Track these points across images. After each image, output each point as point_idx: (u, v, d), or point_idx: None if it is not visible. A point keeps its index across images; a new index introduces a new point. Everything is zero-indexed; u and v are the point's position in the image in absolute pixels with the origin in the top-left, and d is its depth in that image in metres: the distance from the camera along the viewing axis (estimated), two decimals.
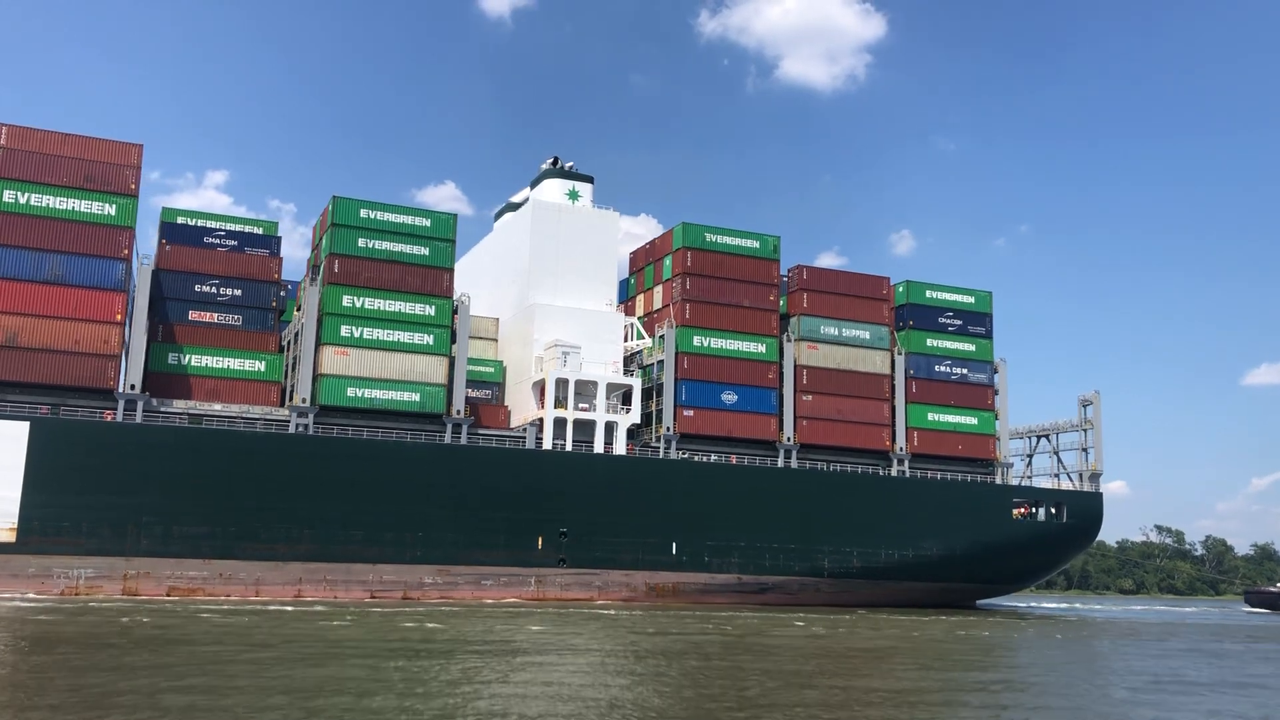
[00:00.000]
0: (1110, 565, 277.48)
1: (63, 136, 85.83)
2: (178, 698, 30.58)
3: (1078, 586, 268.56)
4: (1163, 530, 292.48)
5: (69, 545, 79.95)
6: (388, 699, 31.22)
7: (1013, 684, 42.56)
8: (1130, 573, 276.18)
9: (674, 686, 36.70)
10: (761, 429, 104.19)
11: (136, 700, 29.85)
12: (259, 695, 31.37)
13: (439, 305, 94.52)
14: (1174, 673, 49.30)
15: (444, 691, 33.40)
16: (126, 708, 28.49)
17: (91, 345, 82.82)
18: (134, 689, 31.87)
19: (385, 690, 32.91)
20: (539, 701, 32.15)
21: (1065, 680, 43.89)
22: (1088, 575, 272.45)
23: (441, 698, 32.07)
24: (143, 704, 29.24)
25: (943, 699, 36.67)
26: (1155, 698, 39.24)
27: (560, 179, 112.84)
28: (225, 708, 29.01)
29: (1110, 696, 39.27)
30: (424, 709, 29.77)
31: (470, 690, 34.15)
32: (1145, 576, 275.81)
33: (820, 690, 37.25)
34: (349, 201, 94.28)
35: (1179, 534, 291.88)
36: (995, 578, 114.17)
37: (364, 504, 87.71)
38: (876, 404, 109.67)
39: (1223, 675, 48.89)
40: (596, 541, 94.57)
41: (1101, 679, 44.95)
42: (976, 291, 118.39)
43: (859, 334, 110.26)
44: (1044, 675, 45.96)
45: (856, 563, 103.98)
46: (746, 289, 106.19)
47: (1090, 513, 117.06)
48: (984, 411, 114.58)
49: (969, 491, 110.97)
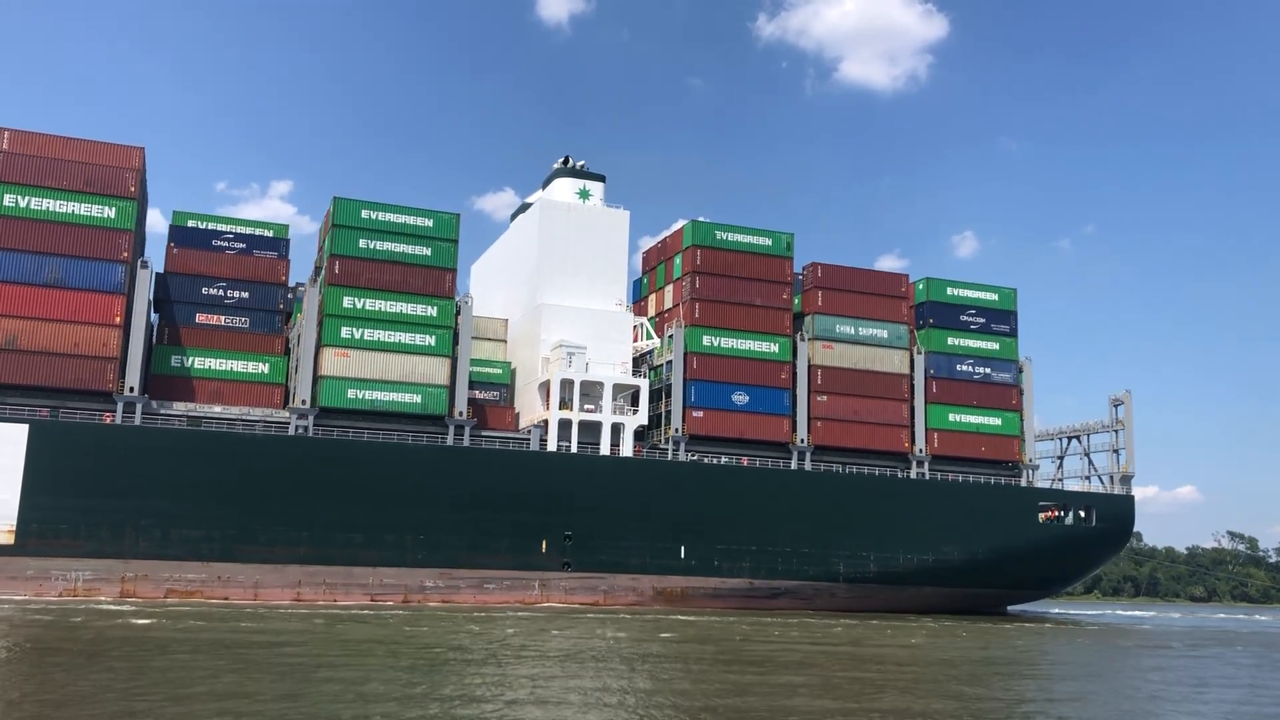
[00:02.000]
0: (1180, 572, 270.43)
1: (64, 140, 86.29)
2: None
3: (1146, 594, 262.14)
4: (1235, 536, 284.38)
5: (67, 547, 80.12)
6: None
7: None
8: (1201, 580, 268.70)
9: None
10: (774, 430, 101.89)
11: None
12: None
13: (441, 306, 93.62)
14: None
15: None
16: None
17: (90, 348, 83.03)
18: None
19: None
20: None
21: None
22: (1156, 582, 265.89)
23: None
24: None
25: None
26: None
27: (571, 178, 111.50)
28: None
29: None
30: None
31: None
32: (1217, 584, 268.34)
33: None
34: (350, 202, 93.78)
35: (1252, 540, 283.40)
36: (1022, 583, 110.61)
37: (364, 506, 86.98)
38: (895, 404, 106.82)
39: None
40: (602, 545, 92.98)
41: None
42: (1001, 288, 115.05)
43: (877, 333, 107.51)
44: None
45: (874, 567, 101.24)
46: (758, 287, 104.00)
47: (1121, 516, 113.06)
48: (1008, 412, 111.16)
49: (992, 494, 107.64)
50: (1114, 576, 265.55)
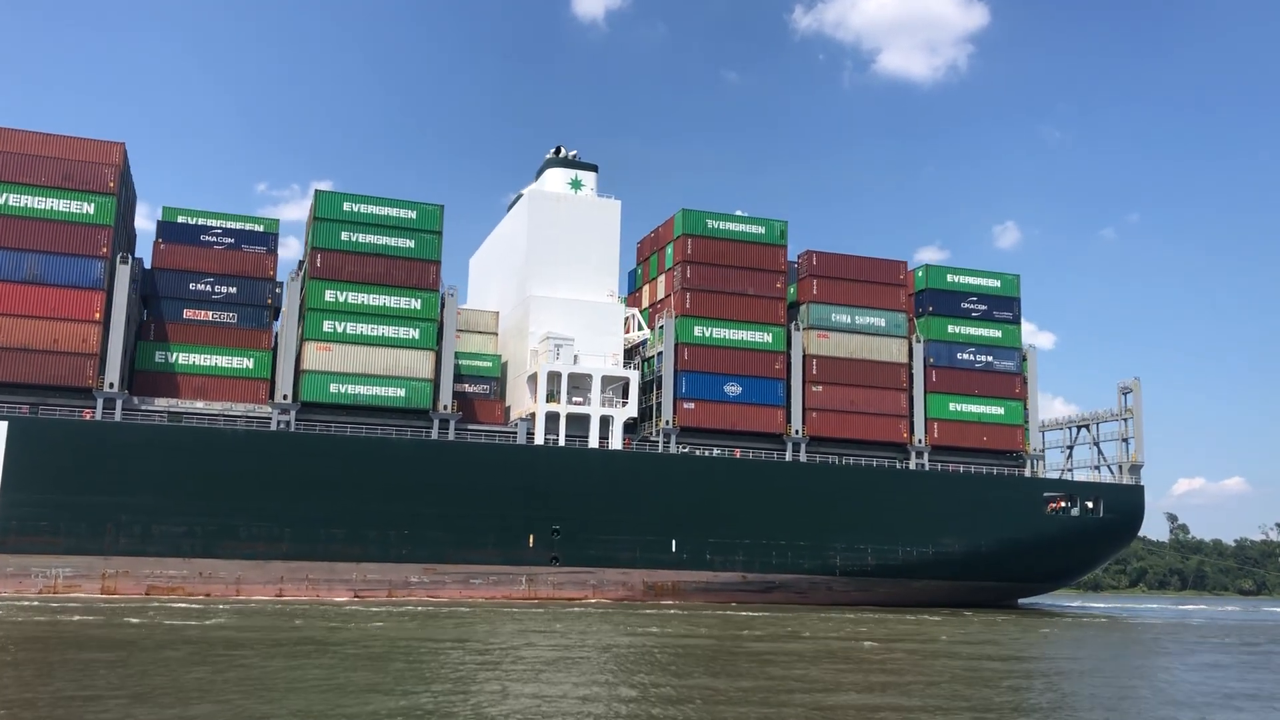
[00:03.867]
0: (1229, 565, 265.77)
1: (44, 137, 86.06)
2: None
3: (1193, 587, 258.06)
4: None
5: (47, 544, 79.86)
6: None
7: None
8: (1250, 573, 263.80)
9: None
10: (767, 422, 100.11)
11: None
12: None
13: (425, 298, 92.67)
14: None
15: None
16: None
17: (69, 344, 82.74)
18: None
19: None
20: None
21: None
22: (1204, 575, 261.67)
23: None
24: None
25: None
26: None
27: (563, 168, 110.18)
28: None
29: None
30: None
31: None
32: (1266, 576, 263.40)
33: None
34: (332, 195, 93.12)
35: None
36: (1027, 576, 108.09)
37: (347, 502, 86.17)
38: (893, 394, 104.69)
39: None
40: (591, 539, 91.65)
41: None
42: (1003, 275, 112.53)
43: (874, 321, 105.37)
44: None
45: (871, 560, 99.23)
46: (751, 276, 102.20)
47: (1130, 507, 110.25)
48: (1011, 401, 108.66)
49: (995, 485, 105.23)
50: (1159, 570, 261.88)
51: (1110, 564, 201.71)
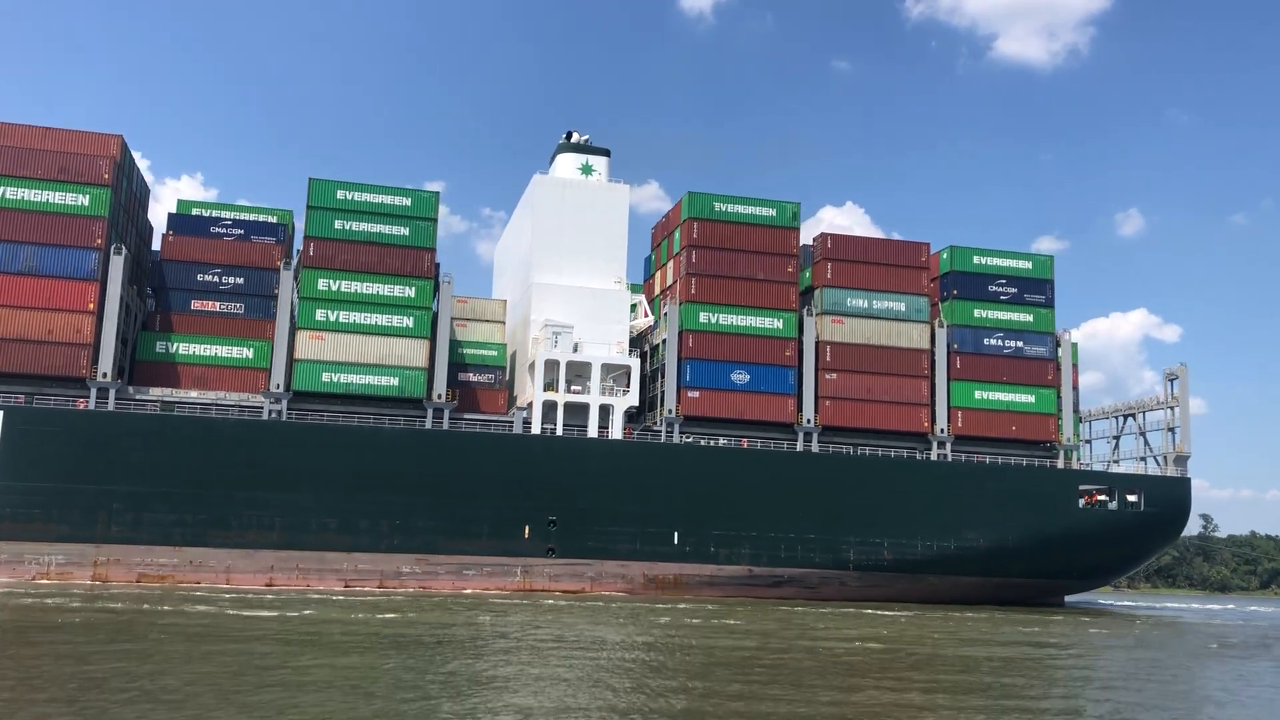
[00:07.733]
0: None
1: (41, 130, 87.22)
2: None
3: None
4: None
5: (40, 532, 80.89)
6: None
7: None
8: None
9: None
10: (777, 410, 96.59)
11: None
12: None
13: (419, 286, 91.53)
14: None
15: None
16: None
17: (64, 335, 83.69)
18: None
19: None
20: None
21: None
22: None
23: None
24: None
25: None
26: None
27: (574, 153, 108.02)
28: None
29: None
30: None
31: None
32: None
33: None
34: (325, 183, 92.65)
35: None
36: (1061, 573, 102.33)
37: (338, 491, 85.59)
38: (913, 382, 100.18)
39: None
40: (589, 530, 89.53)
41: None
42: (1035, 256, 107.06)
43: (893, 305, 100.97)
44: None
45: (888, 554, 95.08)
46: (761, 260, 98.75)
47: (1174, 500, 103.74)
48: (1043, 388, 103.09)
49: (1023, 476, 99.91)
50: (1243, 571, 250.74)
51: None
